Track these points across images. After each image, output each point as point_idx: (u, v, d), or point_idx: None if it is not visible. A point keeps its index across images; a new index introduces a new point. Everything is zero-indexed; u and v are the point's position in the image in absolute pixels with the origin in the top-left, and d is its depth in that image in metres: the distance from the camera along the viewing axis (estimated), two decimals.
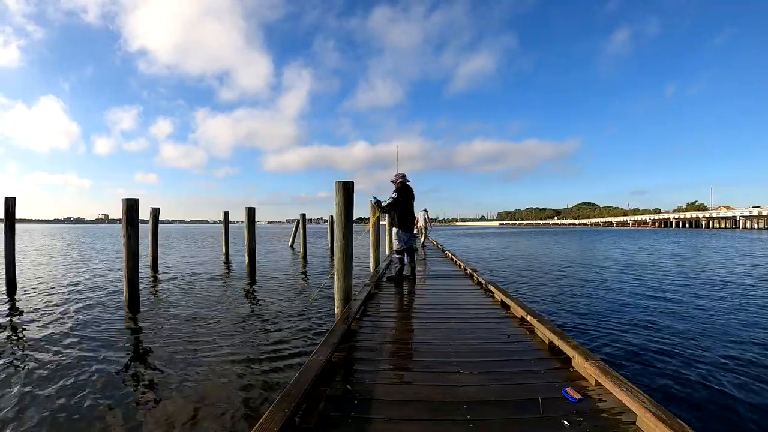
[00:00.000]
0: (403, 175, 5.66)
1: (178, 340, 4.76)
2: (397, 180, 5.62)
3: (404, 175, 5.66)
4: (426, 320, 3.64)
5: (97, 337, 4.81)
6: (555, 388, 2.05)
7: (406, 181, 5.67)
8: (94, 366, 3.87)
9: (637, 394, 1.74)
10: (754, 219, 64.55)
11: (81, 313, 6.05)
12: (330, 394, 2.00)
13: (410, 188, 5.71)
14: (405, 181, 5.66)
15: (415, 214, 5.95)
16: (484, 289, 5.07)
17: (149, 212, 11.89)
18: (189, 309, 6.45)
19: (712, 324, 5.35)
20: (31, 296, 7.42)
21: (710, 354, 4.13)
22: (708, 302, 6.80)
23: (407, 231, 5.68)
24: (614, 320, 5.58)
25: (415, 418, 1.78)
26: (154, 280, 9.74)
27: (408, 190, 5.66)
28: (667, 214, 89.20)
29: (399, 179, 5.62)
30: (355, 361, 2.49)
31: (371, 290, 4.70)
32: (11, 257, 7.71)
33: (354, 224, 4.26)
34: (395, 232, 5.71)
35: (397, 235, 5.69)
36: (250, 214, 11.28)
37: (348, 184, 4.17)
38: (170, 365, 3.91)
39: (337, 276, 4.08)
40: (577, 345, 2.44)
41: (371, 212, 8.16)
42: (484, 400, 1.94)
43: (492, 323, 3.45)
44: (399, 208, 5.57)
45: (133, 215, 6.03)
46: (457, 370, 2.33)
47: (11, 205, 7.70)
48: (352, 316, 3.29)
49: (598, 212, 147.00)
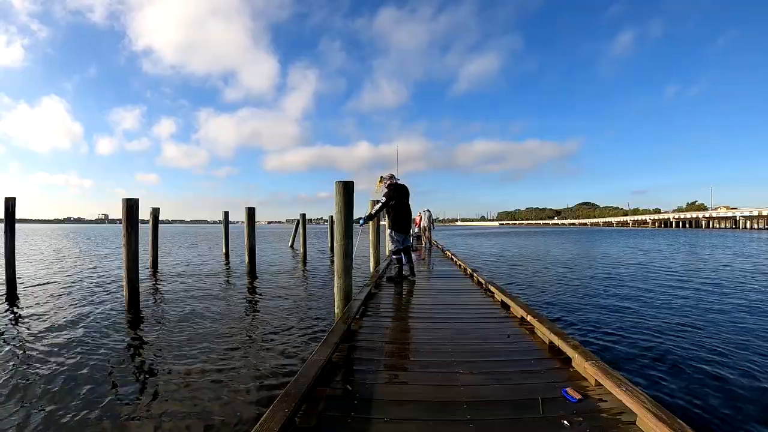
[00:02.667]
0: (391, 175, 5.50)
1: (178, 339, 4.76)
2: (385, 182, 5.46)
3: (392, 176, 5.51)
4: (426, 320, 3.64)
5: (96, 337, 4.81)
6: (555, 388, 2.05)
7: (396, 180, 5.50)
8: (94, 366, 3.87)
9: (637, 394, 1.74)
10: (754, 219, 64.56)
11: (81, 313, 6.05)
12: (330, 394, 1.99)
13: (403, 186, 5.51)
14: (395, 180, 5.48)
15: (412, 214, 5.81)
16: (484, 289, 5.06)
17: (149, 212, 11.89)
18: (189, 309, 6.45)
19: (712, 324, 5.34)
20: (30, 296, 7.41)
21: (710, 354, 4.13)
22: (707, 302, 6.80)
23: (400, 231, 5.54)
24: (614, 320, 5.58)
25: (415, 418, 1.78)
26: (154, 279, 9.74)
27: (401, 189, 5.47)
28: (667, 214, 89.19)
29: (387, 180, 5.45)
30: (355, 361, 2.48)
31: (371, 290, 4.70)
32: (11, 257, 7.72)
33: (354, 224, 4.26)
34: (389, 233, 5.65)
35: (390, 237, 5.63)
36: (249, 214, 11.28)
37: (348, 184, 4.17)
38: (170, 365, 3.91)
39: (337, 276, 4.08)
40: (577, 345, 2.44)
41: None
42: (484, 400, 1.94)
43: (492, 323, 3.44)
44: (393, 208, 5.42)
45: (133, 215, 6.03)
46: (457, 370, 2.32)
47: (11, 205, 7.70)
48: (352, 316, 3.28)
49: (598, 212, 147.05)
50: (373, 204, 6.23)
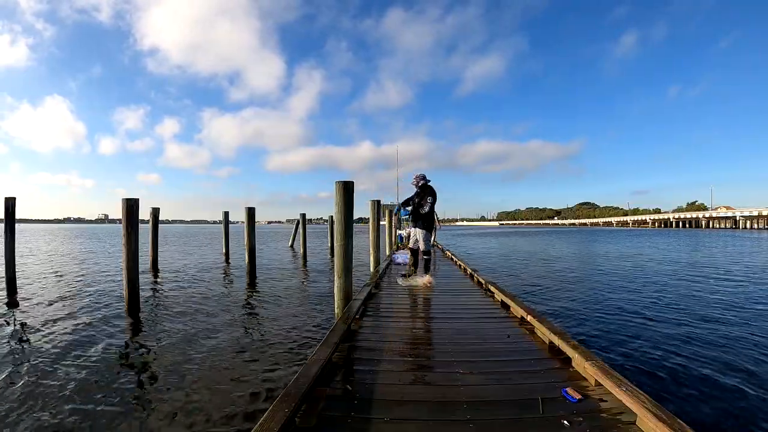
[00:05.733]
0: (423, 176, 5.62)
1: (178, 339, 4.76)
2: (418, 183, 5.59)
3: (424, 176, 5.63)
4: (426, 320, 3.64)
5: (96, 337, 4.81)
6: (555, 388, 2.05)
7: (427, 181, 5.62)
8: (94, 366, 3.87)
9: (637, 394, 1.74)
10: (754, 219, 64.57)
11: (81, 313, 6.04)
12: (330, 394, 1.99)
13: (430, 187, 5.62)
14: (426, 181, 5.61)
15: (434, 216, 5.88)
16: (484, 289, 5.06)
17: (149, 212, 11.89)
18: (189, 309, 6.45)
19: (712, 323, 5.34)
20: (30, 296, 7.41)
21: (710, 354, 4.12)
22: (708, 301, 6.80)
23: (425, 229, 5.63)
24: (614, 320, 5.58)
25: (415, 418, 1.78)
26: (155, 280, 9.74)
27: (428, 190, 5.58)
28: (667, 214, 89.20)
29: (420, 181, 5.58)
30: (355, 361, 2.48)
31: (371, 290, 4.70)
32: (11, 257, 7.71)
33: (354, 224, 4.26)
34: (423, 234, 5.61)
35: (425, 237, 5.62)
36: (249, 214, 11.27)
37: (348, 184, 4.16)
38: (169, 365, 3.91)
39: (337, 276, 4.08)
40: (577, 345, 2.44)
41: (371, 212, 8.17)
42: (485, 400, 1.94)
43: (492, 323, 3.44)
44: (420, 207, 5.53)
45: (133, 215, 6.03)
46: (458, 370, 2.33)
47: (11, 205, 7.70)
48: (352, 316, 3.28)
49: (598, 212, 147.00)
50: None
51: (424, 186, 5.59)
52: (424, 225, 5.60)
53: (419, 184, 5.59)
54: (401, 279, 5.57)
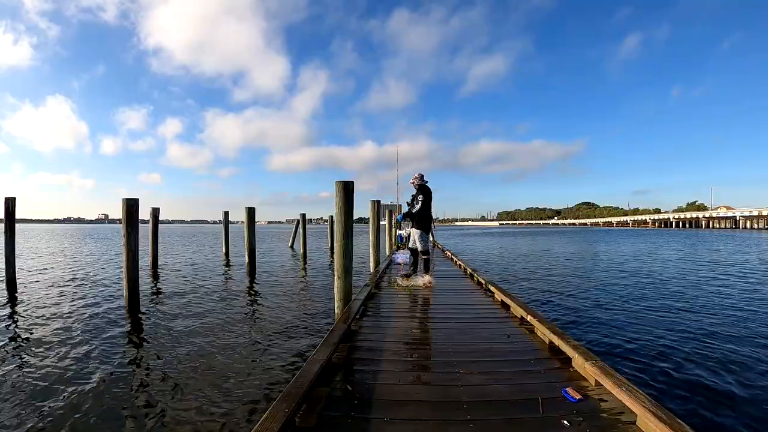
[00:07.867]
0: (421, 176, 5.65)
1: (178, 339, 4.76)
2: (416, 182, 5.62)
3: (422, 176, 5.66)
4: (426, 320, 3.64)
5: (96, 337, 4.81)
6: (555, 388, 2.05)
7: (425, 182, 5.66)
8: (93, 365, 3.87)
9: (637, 394, 1.74)
10: (754, 219, 64.55)
11: (81, 313, 6.04)
12: (330, 394, 2.00)
13: (428, 188, 5.68)
14: (423, 182, 5.64)
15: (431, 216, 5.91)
16: (484, 289, 5.06)
17: (149, 212, 11.89)
18: (189, 309, 6.45)
19: (712, 323, 5.34)
20: (30, 296, 7.40)
21: (711, 354, 4.12)
22: (707, 301, 6.79)
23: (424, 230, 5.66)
24: (614, 320, 5.58)
25: (415, 418, 1.78)
26: (154, 279, 9.74)
27: (425, 190, 5.63)
28: (667, 214, 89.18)
29: (418, 181, 5.61)
30: (355, 361, 2.48)
31: (371, 290, 4.70)
32: (11, 257, 7.71)
33: (354, 224, 4.26)
34: (419, 234, 5.63)
35: (421, 237, 5.65)
36: (250, 214, 11.29)
37: (348, 184, 4.16)
38: (169, 365, 3.91)
39: (337, 276, 4.08)
40: (577, 345, 2.44)
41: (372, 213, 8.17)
42: (485, 400, 1.94)
43: (492, 323, 3.44)
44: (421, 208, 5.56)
45: (133, 215, 6.03)
46: (458, 370, 2.32)
47: (11, 205, 7.70)
48: (352, 316, 3.28)
49: (598, 212, 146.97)
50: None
51: (420, 186, 5.62)
52: (420, 225, 5.61)
53: (417, 185, 5.63)
54: (401, 279, 5.58)
